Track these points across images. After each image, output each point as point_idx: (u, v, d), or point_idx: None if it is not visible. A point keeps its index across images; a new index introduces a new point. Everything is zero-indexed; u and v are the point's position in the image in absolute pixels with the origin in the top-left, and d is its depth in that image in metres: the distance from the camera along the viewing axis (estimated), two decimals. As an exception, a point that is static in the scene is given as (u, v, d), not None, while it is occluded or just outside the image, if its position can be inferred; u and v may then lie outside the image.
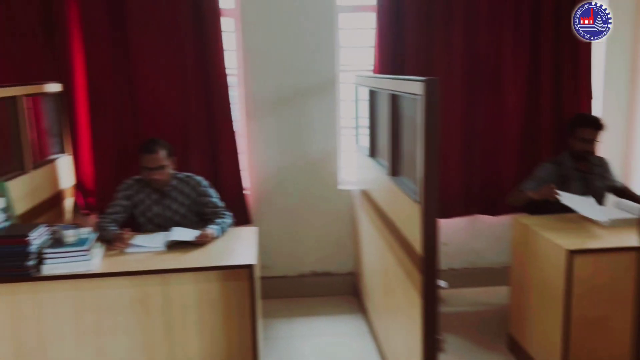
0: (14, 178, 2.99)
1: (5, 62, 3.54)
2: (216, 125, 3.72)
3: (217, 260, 2.72)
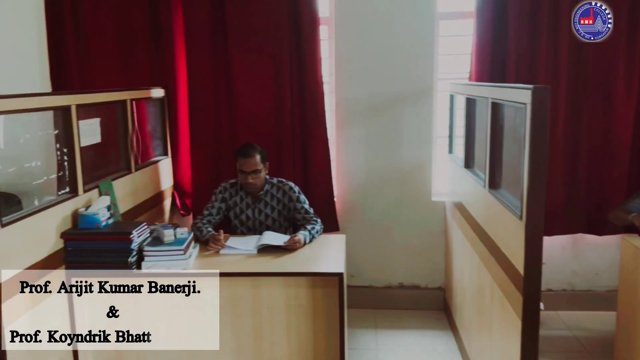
0: (119, 178, 3.16)
1: (116, 67, 3.78)
2: (309, 132, 3.74)
3: (306, 266, 2.72)
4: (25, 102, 2.37)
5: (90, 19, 3.72)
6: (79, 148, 2.70)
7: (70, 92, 2.91)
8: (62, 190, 2.74)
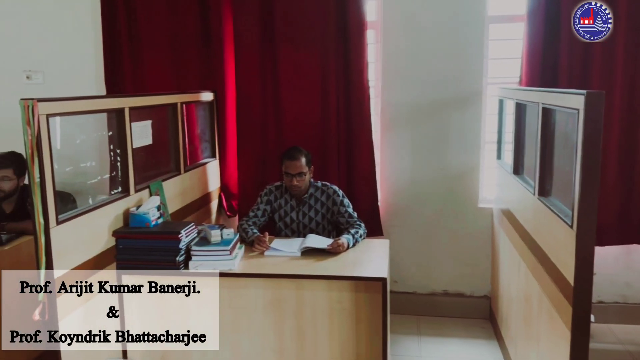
0: (169, 179, 3.25)
1: (167, 71, 3.89)
2: (354, 136, 3.75)
3: (350, 270, 2.72)
4: (82, 104, 2.48)
5: (144, 25, 3.85)
6: (131, 149, 2.79)
7: (124, 95, 3.01)
8: (115, 189, 2.84)
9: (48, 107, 2.16)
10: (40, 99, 2.11)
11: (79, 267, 2.38)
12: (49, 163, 2.17)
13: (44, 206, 2.14)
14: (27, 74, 4.06)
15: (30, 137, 2.09)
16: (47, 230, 2.15)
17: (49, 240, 2.17)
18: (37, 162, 2.10)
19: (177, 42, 3.87)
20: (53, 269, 2.19)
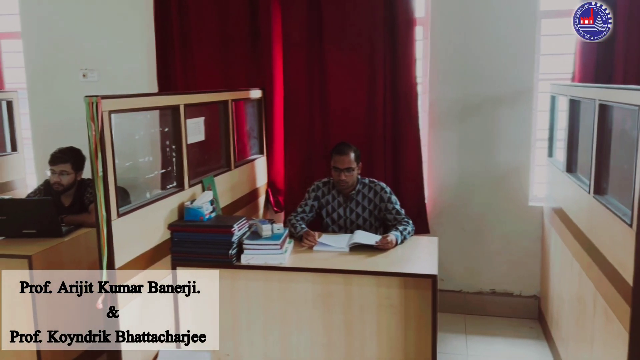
0: (220, 174, 3.33)
1: (216, 69, 3.97)
2: (401, 133, 3.74)
3: (399, 266, 2.72)
4: (142, 101, 2.57)
5: (195, 25, 3.94)
6: (186, 145, 2.88)
7: (180, 93, 3.10)
8: (170, 184, 2.93)
9: (111, 103, 2.25)
10: (104, 96, 2.20)
11: (137, 259, 2.47)
12: (110, 158, 2.26)
13: (106, 199, 2.23)
14: (83, 72, 4.22)
15: (94, 133, 2.18)
16: (109, 222, 2.25)
17: (111, 231, 2.26)
18: (100, 156, 2.19)
19: (226, 41, 3.94)
20: (114, 259, 2.28)
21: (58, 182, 3.42)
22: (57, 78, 4.25)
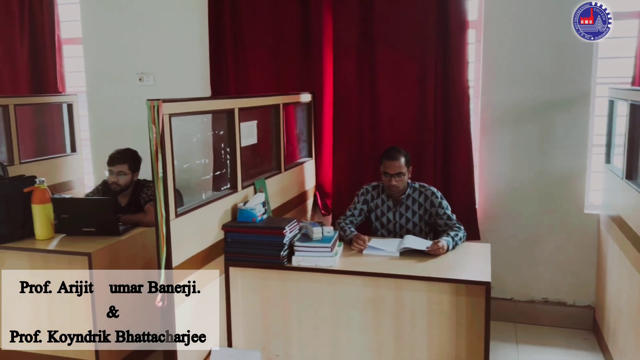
0: (270, 177, 3.37)
1: (267, 73, 4.04)
2: (452, 137, 3.70)
3: (450, 272, 2.69)
4: (200, 104, 2.64)
5: (247, 29, 4.01)
6: (239, 148, 2.93)
7: (235, 97, 3.16)
8: (224, 186, 2.99)
9: (171, 107, 2.32)
10: (165, 100, 2.27)
11: (192, 258, 2.53)
12: (170, 160, 2.33)
13: (166, 199, 2.30)
14: (139, 76, 4.36)
15: (155, 135, 2.25)
16: (167, 222, 2.31)
17: (169, 231, 2.33)
18: (160, 158, 2.26)
19: (278, 45, 4.00)
20: (172, 258, 2.35)
21: (115, 182, 3.54)
22: (115, 82, 4.41)
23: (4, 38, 4.53)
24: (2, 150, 4.02)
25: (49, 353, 3.19)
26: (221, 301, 2.81)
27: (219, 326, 2.81)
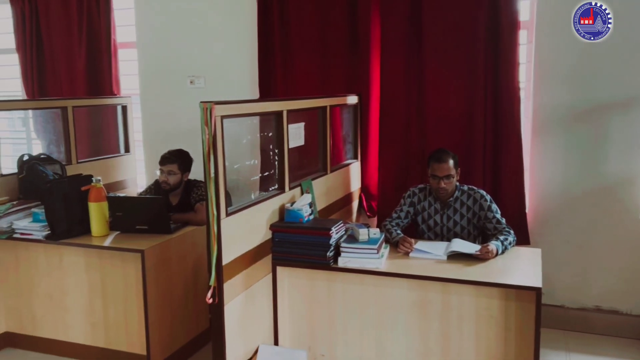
0: (316, 178, 3.40)
1: (314, 75, 4.07)
2: (502, 140, 3.64)
3: (500, 277, 2.65)
4: (251, 107, 2.70)
5: (295, 32, 4.06)
6: (287, 149, 2.97)
7: (283, 99, 3.21)
8: (272, 187, 3.04)
9: (223, 109, 2.37)
10: (217, 102, 2.32)
11: (241, 257, 2.58)
12: (221, 160, 2.38)
13: (217, 199, 2.36)
14: (190, 79, 4.47)
15: (207, 137, 2.31)
16: (218, 220, 2.37)
17: (220, 229, 2.38)
18: (212, 159, 2.32)
19: (325, 48, 4.03)
20: (222, 256, 2.40)
21: (166, 181, 3.65)
22: (167, 84, 4.54)
23: (64, 43, 4.73)
24: (61, 150, 4.20)
25: (103, 345, 3.32)
26: (268, 300, 2.86)
27: (267, 324, 2.85)
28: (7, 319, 3.55)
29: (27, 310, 3.49)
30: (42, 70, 4.86)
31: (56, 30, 4.74)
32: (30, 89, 4.89)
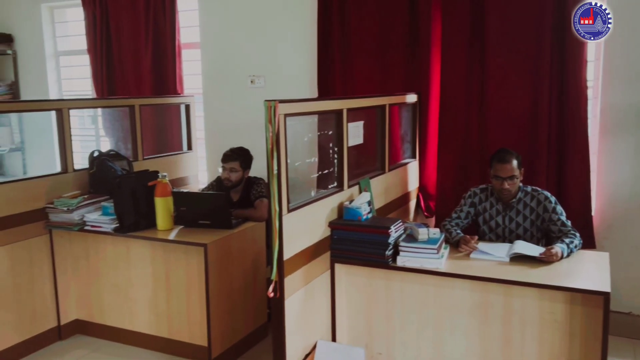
0: (374, 177, 3.40)
1: (373, 74, 4.07)
2: (568, 140, 3.53)
3: (565, 280, 2.57)
4: (313, 105, 2.73)
5: (355, 32, 4.07)
6: (346, 147, 2.99)
7: (343, 97, 3.22)
8: (331, 184, 3.06)
9: (286, 107, 2.41)
10: (281, 100, 2.37)
11: (301, 253, 2.62)
12: (284, 157, 2.42)
13: (279, 195, 2.40)
14: (251, 78, 4.56)
15: (271, 134, 2.35)
16: (280, 216, 2.41)
17: (282, 225, 2.42)
18: (275, 156, 2.37)
19: (384, 45, 4.02)
20: (283, 251, 2.44)
21: (227, 178, 3.75)
22: (228, 84, 4.65)
23: (132, 45, 4.92)
24: (128, 147, 4.38)
25: (166, 336, 3.44)
26: (326, 296, 2.88)
27: (324, 320, 2.88)
28: (78, 307, 3.75)
29: (96, 299, 3.67)
30: (111, 71, 5.08)
31: (124, 33, 4.95)
32: (99, 88, 5.12)
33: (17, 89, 5.77)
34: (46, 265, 3.60)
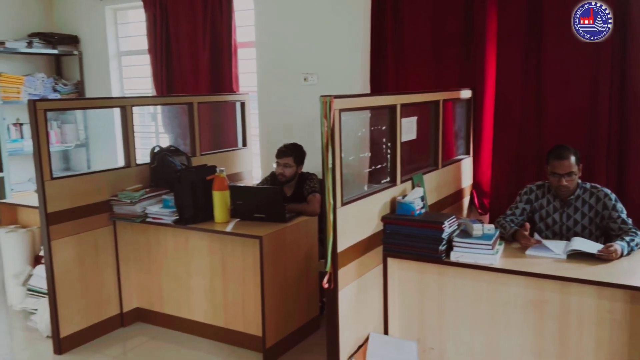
0: (427, 172, 3.40)
1: (427, 70, 4.06)
2: (630, 137, 3.42)
3: (626, 278, 2.50)
4: (367, 100, 2.77)
5: (409, 29, 4.07)
6: (399, 143, 3.01)
7: (397, 93, 3.25)
8: (384, 179, 3.09)
9: (341, 103, 2.46)
10: (336, 96, 2.42)
11: (354, 246, 2.66)
12: (339, 152, 2.47)
13: (334, 189, 2.45)
14: (304, 76, 4.63)
15: (326, 129, 2.41)
16: (334, 209, 2.46)
17: (336, 218, 2.47)
18: (331, 150, 2.42)
19: (438, 42, 4.00)
20: (337, 243, 2.49)
21: (282, 173, 3.83)
22: (282, 82, 4.74)
23: (190, 44, 5.09)
24: (186, 142, 4.54)
25: (222, 325, 3.56)
26: (379, 290, 2.91)
27: (377, 314, 2.91)
28: (139, 296, 3.92)
29: (156, 288, 3.83)
30: (170, 70, 5.27)
31: (183, 33, 5.12)
32: (159, 86, 5.32)
33: (82, 88, 6.07)
34: (110, 255, 3.78)
